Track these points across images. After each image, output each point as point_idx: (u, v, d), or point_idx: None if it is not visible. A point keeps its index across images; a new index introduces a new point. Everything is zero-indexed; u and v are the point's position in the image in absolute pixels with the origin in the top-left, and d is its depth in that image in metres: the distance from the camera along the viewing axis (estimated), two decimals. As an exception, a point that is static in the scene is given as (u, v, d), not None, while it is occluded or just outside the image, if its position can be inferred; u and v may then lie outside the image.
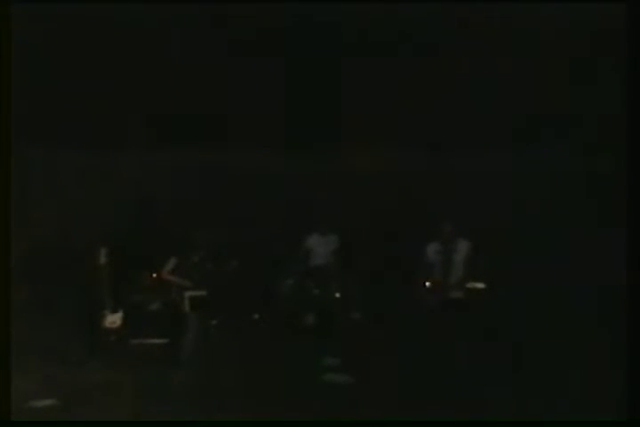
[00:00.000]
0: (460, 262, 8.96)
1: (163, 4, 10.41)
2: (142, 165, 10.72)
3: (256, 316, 9.50)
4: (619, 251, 7.41)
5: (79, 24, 10.48)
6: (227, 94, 10.68)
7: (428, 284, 8.86)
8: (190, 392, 7.73)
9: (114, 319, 9.20)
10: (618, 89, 8.72)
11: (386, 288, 9.84)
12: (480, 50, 10.64)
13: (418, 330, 8.88)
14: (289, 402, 7.41)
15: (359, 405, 7.39)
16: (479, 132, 10.66)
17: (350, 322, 9.54)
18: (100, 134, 10.65)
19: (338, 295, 9.73)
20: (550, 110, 10.71)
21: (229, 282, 9.43)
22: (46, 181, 10.58)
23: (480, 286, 8.74)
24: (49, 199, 10.54)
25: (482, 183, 10.67)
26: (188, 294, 9.22)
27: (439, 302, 8.85)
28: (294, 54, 10.64)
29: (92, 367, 8.33)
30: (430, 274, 8.94)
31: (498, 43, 10.56)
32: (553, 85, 10.64)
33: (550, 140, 10.75)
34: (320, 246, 10.00)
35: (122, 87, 10.65)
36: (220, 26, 10.61)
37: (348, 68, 10.70)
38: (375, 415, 7.08)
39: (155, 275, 9.37)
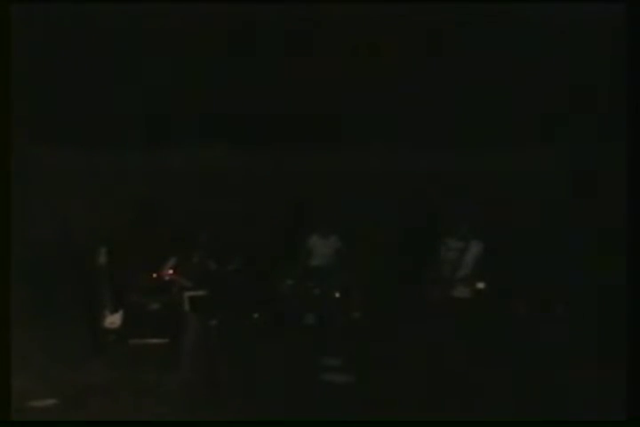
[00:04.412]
0: (468, 262, 8.95)
1: (162, 3, 10.40)
2: (142, 165, 10.72)
3: (256, 316, 9.51)
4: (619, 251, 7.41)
5: (79, 24, 10.47)
6: (228, 93, 10.68)
7: None
8: (190, 392, 7.72)
9: (114, 319, 9.20)
10: (617, 89, 8.71)
11: (386, 288, 9.85)
12: (479, 50, 10.64)
13: (418, 330, 8.90)
14: (289, 402, 7.41)
15: (359, 405, 7.39)
16: (480, 132, 10.66)
17: (350, 322, 9.55)
18: (100, 134, 10.65)
19: (338, 295, 9.74)
20: (549, 110, 10.72)
21: (229, 282, 9.44)
22: (46, 181, 10.57)
23: (482, 285, 8.74)
24: (49, 199, 10.54)
25: (482, 183, 10.68)
26: (187, 294, 9.22)
27: (442, 299, 8.85)
28: (294, 53, 10.64)
29: (92, 367, 8.32)
30: (440, 270, 8.93)
31: (497, 43, 10.57)
32: (552, 85, 10.66)
33: (550, 141, 10.77)
34: (320, 247, 10.01)
35: (122, 87, 10.65)
36: (219, 25, 10.61)
37: (348, 68, 10.70)
38: (375, 415, 7.08)
39: (155, 275, 9.38)
